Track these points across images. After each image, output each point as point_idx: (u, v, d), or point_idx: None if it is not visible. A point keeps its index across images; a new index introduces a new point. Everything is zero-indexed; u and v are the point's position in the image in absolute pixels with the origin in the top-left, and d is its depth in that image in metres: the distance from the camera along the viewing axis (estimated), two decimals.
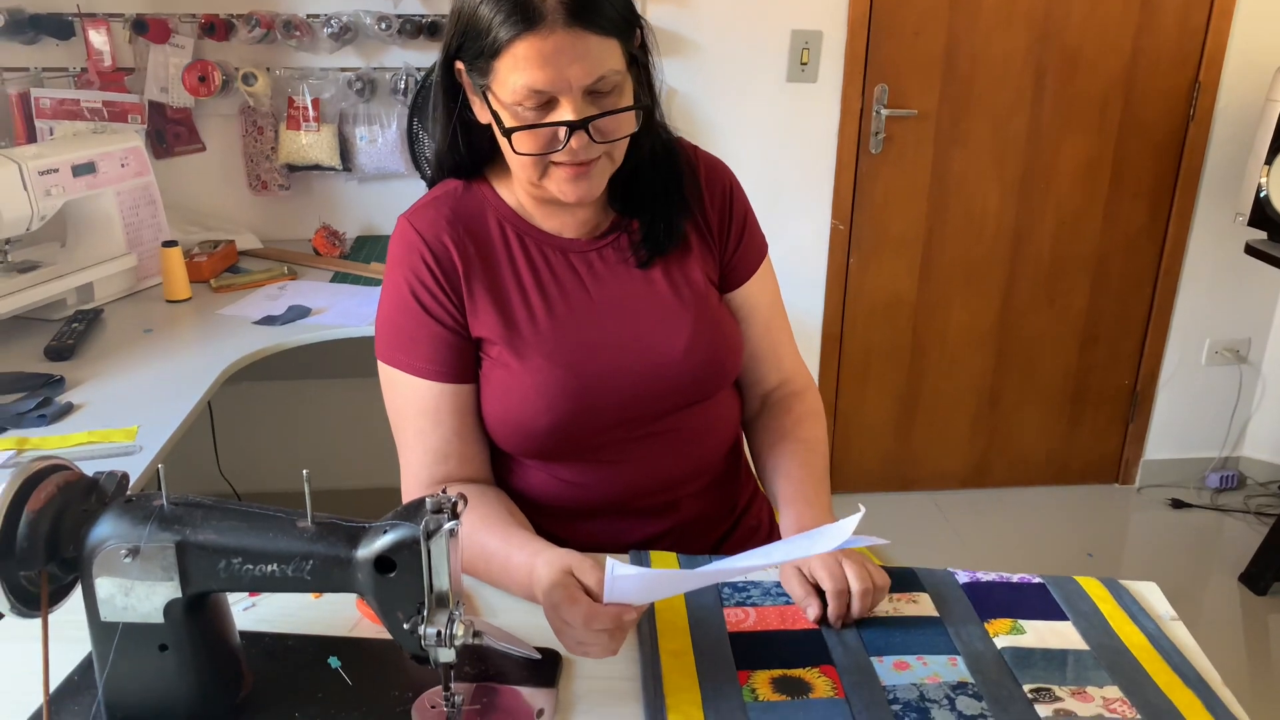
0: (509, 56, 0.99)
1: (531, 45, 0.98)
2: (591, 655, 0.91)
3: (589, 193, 1.08)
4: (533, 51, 0.98)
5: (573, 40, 0.98)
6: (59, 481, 0.83)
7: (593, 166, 1.06)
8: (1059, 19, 2.61)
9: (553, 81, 0.99)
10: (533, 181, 1.08)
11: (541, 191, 1.09)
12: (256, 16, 2.31)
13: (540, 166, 1.05)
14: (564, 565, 0.93)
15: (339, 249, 2.37)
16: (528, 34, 0.97)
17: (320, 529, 0.84)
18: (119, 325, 1.92)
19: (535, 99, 1.00)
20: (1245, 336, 2.97)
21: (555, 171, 1.06)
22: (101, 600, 0.83)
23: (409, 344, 1.12)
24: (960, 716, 0.89)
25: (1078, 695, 0.91)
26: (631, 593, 0.88)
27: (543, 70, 0.98)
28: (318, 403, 2.75)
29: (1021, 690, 0.92)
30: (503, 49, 0.99)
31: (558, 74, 0.99)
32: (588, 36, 0.99)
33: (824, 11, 2.54)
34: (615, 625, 0.88)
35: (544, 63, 0.98)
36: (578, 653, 0.92)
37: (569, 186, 1.06)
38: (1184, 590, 2.63)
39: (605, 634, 0.89)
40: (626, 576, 0.85)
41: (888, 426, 3.00)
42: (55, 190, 1.89)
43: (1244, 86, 2.69)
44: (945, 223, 2.78)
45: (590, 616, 0.88)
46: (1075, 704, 0.90)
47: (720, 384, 1.20)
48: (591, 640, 0.89)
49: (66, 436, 1.46)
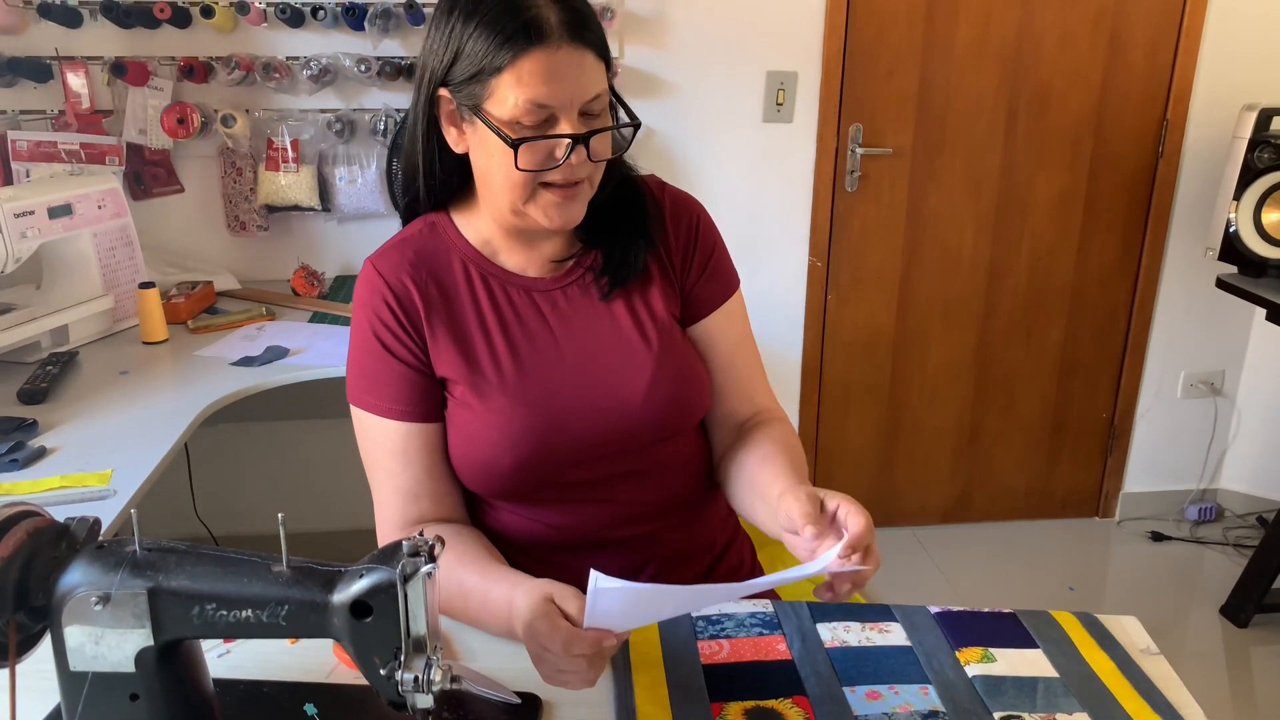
0: (513, 72, 1.00)
1: (538, 60, 0.99)
2: (570, 685, 0.90)
3: (573, 218, 1.09)
4: (539, 66, 1.00)
5: (578, 57, 1.01)
6: (29, 528, 0.82)
7: (578, 191, 1.07)
8: (1030, 57, 2.66)
9: (556, 95, 1.01)
10: (515, 208, 1.08)
11: (521, 219, 1.09)
12: (236, 59, 2.32)
13: (529, 189, 1.06)
14: (544, 594, 0.93)
15: (318, 289, 2.37)
16: (535, 49, 0.99)
17: (295, 573, 0.83)
18: (94, 367, 1.90)
19: (537, 115, 1.01)
20: (1219, 369, 3.00)
21: (543, 195, 1.06)
22: (71, 649, 0.82)
23: (375, 385, 1.12)
24: None
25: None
26: (614, 613, 0.87)
27: (548, 85, 1.00)
28: (296, 444, 2.73)
29: (992, 717, 0.93)
30: (506, 66, 1.00)
31: (562, 89, 1.01)
32: (588, 54, 1.02)
33: (799, 52, 2.58)
34: (594, 651, 0.87)
35: (549, 77, 1.00)
36: (555, 682, 0.90)
37: (555, 211, 1.07)
38: (1166, 623, 2.63)
39: (584, 661, 0.88)
40: (609, 590, 0.83)
41: (868, 461, 3.00)
42: (31, 232, 1.88)
43: (1211, 124, 2.74)
44: (922, 258, 2.81)
45: (570, 641, 0.87)
46: None
47: (686, 421, 1.19)
48: (570, 667, 0.88)
49: (38, 481, 1.44)
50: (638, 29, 2.51)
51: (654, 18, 2.50)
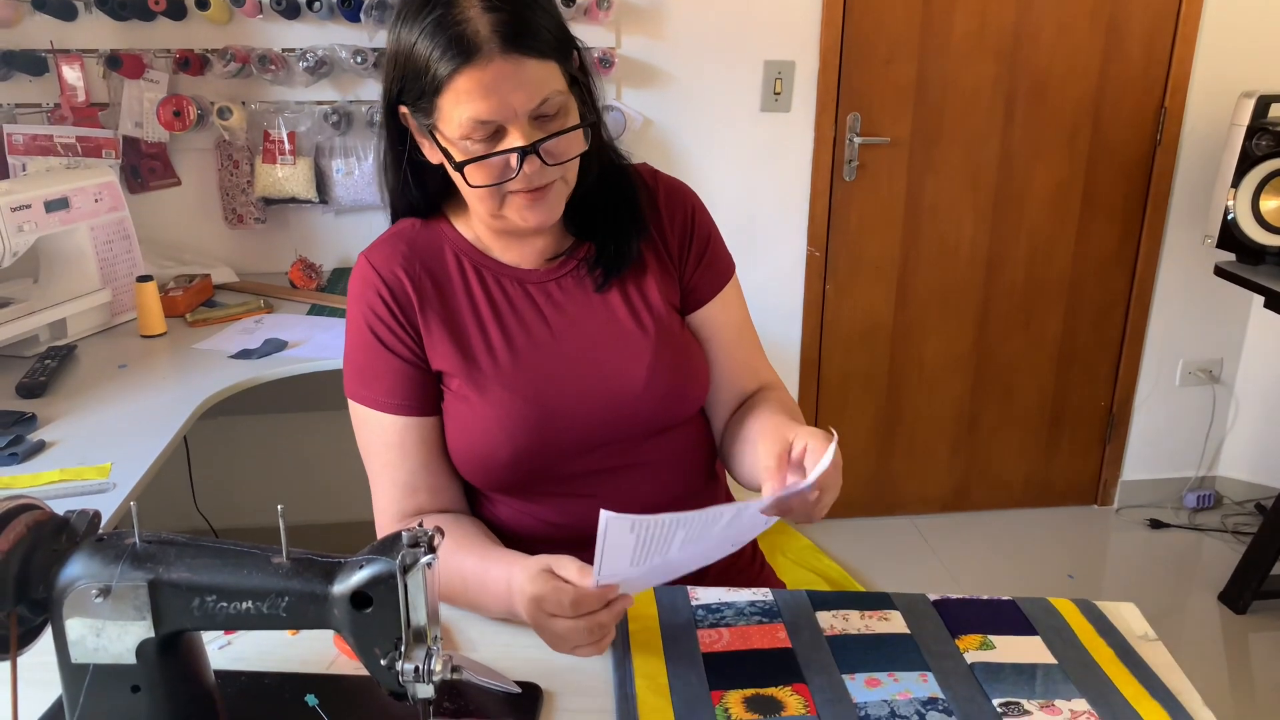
0: (450, 92, 0.99)
1: (471, 77, 0.98)
2: (580, 653, 0.91)
3: (548, 217, 1.08)
4: (473, 84, 0.98)
5: (512, 68, 0.99)
6: (28, 521, 0.82)
7: (549, 190, 1.06)
8: (1028, 46, 2.66)
9: (496, 110, 0.99)
10: (492, 213, 1.08)
11: (501, 223, 1.10)
12: (232, 51, 2.32)
13: (498, 197, 1.06)
14: (542, 565, 0.93)
15: (315, 281, 2.37)
16: (466, 67, 0.98)
17: (295, 565, 0.83)
18: (93, 361, 1.90)
19: (482, 130, 1.01)
20: (1218, 357, 3.00)
21: (513, 200, 1.06)
22: (72, 642, 0.82)
23: (371, 379, 1.12)
24: None
25: (1046, 708, 0.92)
26: (623, 560, 0.87)
27: (485, 101, 0.99)
28: (295, 436, 2.73)
29: (991, 705, 0.93)
30: (443, 85, 0.99)
31: (500, 102, 0.99)
32: (525, 62, 0.99)
33: (796, 42, 2.58)
34: (603, 607, 0.88)
35: (485, 93, 0.98)
36: (564, 650, 0.91)
37: (528, 213, 1.07)
38: (1165, 610, 2.64)
39: (593, 627, 0.88)
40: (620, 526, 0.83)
41: (867, 452, 3.00)
42: (28, 226, 1.88)
43: (1209, 112, 2.74)
44: (920, 249, 2.81)
45: (578, 600, 0.88)
46: (1044, 717, 0.91)
47: (684, 411, 1.19)
48: (578, 632, 0.89)
49: (38, 475, 1.44)
50: (635, 19, 2.50)
51: (651, 8, 2.50)
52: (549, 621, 0.91)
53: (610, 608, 0.90)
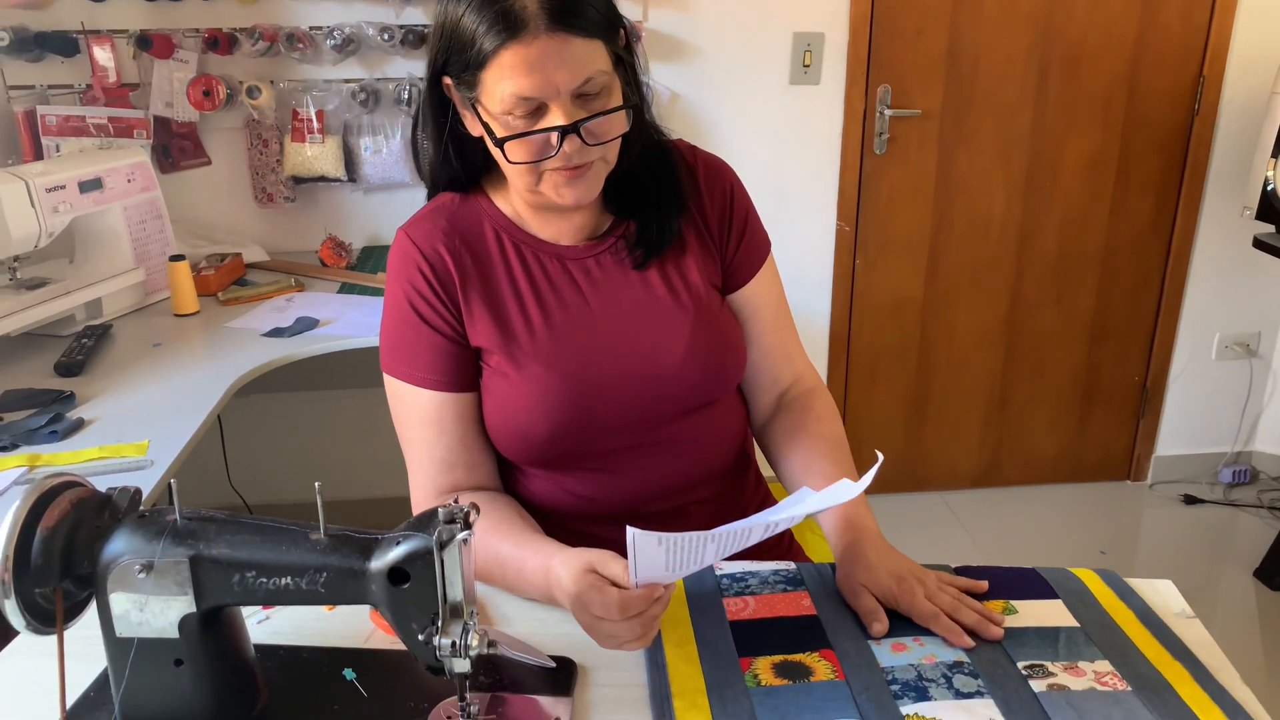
0: (495, 67, 0.99)
1: (516, 53, 0.97)
2: (629, 648, 0.91)
3: (586, 194, 1.08)
4: (518, 59, 0.98)
5: (557, 45, 0.98)
6: (72, 498, 0.84)
7: (588, 169, 1.06)
8: (1061, 16, 2.61)
9: (540, 87, 0.99)
10: (530, 189, 1.07)
11: (539, 198, 1.09)
12: (260, 30, 2.32)
13: (536, 173, 1.05)
14: (584, 563, 0.93)
15: (345, 260, 2.38)
16: (512, 42, 0.97)
17: (333, 541, 0.84)
18: (128, 340, 1.92)
19: (524, 106, 1.00)
20: (1255, 330, 2.96)
21: (551, 176, 1.06)
22: (116, 616, 0.83)
23: (410, 355, 1.13)
24: (957, 694, 0.90)
25: (1070, 670, 0.93)
26: (657, 565, 0.87)
27: (529, 77, 0.98)
28: (327, 414, 2.75)
29: (1016, 668, 0.93)
30: (488, 60, 0.99)
31: (544, 79, 0.98)
32: (571, 40, 0.98)
33: (825, 13, 2.55)
34: (649, 607, 0.89)
35: (530, 69, 0.98)
36: (612, 647, 0.92)
37: (566, 190, 1.06)
38: (1199, 586, 2.62)
39: (640, 622, 0.89)
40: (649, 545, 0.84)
41: (897, 427, 2.99)
42: (63, 207, 1.90)
43: (1248, 81, 2.68)
44: (951, 222, 2.78)
45: (625, 603, 0.88)
46: (1068, 678, 0.92)
47: (722, 389, 1.19)
48: (627, 631, 0.89)
49: (78, 452, 1.46)
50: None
51: None
52: (597, 623, 0.91)
53: (657, 603, 0.90)
